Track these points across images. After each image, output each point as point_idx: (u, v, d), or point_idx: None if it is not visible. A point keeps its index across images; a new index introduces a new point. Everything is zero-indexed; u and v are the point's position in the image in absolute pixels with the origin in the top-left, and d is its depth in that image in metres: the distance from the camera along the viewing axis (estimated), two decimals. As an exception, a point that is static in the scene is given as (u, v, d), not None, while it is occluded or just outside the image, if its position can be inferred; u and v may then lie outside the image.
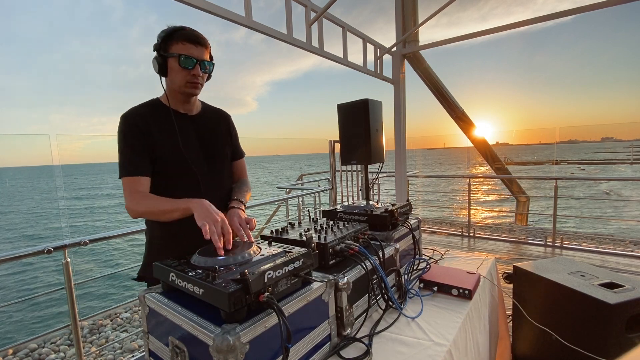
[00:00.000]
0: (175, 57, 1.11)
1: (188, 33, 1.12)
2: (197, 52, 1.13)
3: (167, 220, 1.07)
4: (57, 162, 3.12)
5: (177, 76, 1.13)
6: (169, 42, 1.11)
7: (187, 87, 1.15)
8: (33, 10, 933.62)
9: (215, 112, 1.37)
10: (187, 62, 1.11)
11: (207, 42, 1.17)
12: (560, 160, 59.71)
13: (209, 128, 1.29)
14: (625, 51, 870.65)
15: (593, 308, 1.39)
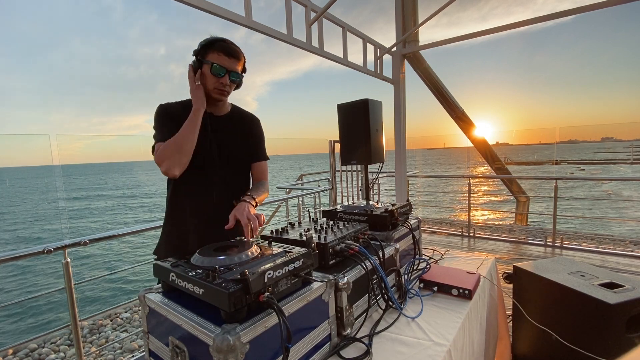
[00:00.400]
0: (208, 64, 1.21)
1: (226, 45, 1.22)
2: (229, 63, 1.23)
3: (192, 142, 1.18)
4: (57, 162, 3.13)
5: (208, 82, 1.24)
6: (208, 50, 1.22)
7: (214, 92, 1.25)
8: (33, 10, 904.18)
9: (243, 115, 1.44)
10: (218, 70, 1.21)
11: (240, 56, 1.27)
12: (561, 160, 59.72)
13: (231, 130, 1.37)
14: (625, 51, 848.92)
15: (593, 308, 1.39)
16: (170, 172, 1.17)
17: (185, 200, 1.29)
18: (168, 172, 1.17)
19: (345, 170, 4.44)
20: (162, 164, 1.16)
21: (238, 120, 1.42)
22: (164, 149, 1.17)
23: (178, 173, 1.18)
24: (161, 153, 1.16)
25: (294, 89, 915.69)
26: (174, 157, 1.17)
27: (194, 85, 1.22)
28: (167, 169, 1.16)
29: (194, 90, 1.23)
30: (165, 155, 1.16)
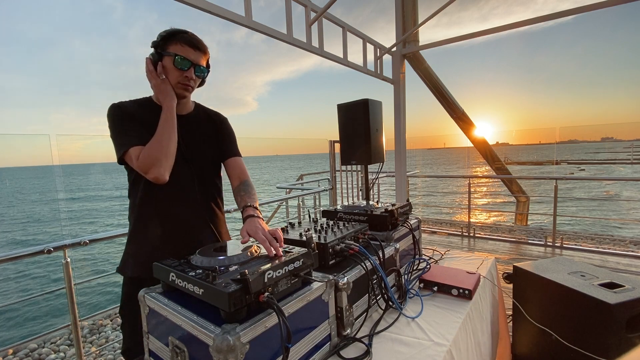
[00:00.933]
0: (171, 56, 1.11)
1: (189, 36, 1.13)
2: (194, 55, 1.14)
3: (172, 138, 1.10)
4: (57, 162, 3.12)
5: (170, 75, 1.13)
6: (169, 42, 1.12)
7: (177, 87, 1.15)
8: (33, 9, 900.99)
9: (209, 114, 1.35)
10: (182, 63, 1.12)
11: (206, 49, 1.18)
12: (561, 160, 59.71)
13: (196, 129, 1.27)
14: (626, 51, 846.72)
15: (593, 308, 1.39)
16: (162, 178, 1.07)
17: (156, 208, 1.17)
18: (159, 177, 1.07)
19: (345, 170, 4.44)
20: (150, 170, 1.05)
21: (204, 119, 1.32)
22: (148, 153, 1.06)
23: (167, 177, 1.09)
24: (147, 158, 1.05)
25: (294, 89, 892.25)
26: (163, 160, 1.07)
27: (157, 80, 1.12)
28: (159, 174, 1.06)
29: (159, 85, 1.13)
30: (153, 160, 1.06)
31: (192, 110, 1.30)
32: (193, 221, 1.22)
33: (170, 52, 1.11)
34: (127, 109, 1.14)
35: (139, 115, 1.14)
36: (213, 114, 1.36)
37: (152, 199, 1.16)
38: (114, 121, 1.12)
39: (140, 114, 1.15)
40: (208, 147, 1.30)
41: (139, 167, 1.06)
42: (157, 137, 1.08)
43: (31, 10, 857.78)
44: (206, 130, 1.31)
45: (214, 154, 1.32)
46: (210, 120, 1.34)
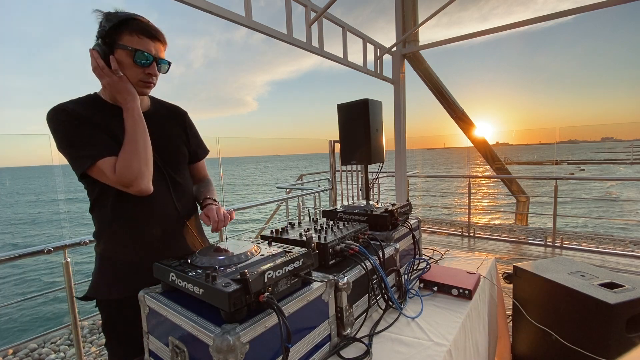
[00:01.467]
0: (128, 51, 0.96)
1: (145, 25, 0.98)
2: (154, 48, 1.00)
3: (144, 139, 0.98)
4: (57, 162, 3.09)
5: (128, 73, 0.99)
6: (121, 32, 0.95)
7: (138, 86, 1.02)
8: (33, 9, 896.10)
9: (169, 108, 1.23)
10: (143, 58, 0.97)
11: (164, 38, 1.04)
12: (561, 160, 59.72)
13: (160, 126, 1.14)
14: (626, 51, 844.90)
15: (593, 308, 1.39)
16: (147, 190, 0.97)
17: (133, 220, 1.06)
18: (144, 190, 0.96)
19: (345, 170, 4.44)
20: (133, 183, 0.94)
21: (165, 114, 1.19)
22: (127, 164, 0.93)
23: (152, 188, 0.99)
24: (126, 170, 0.93)
25: (294, 89, 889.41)
26: (145, 170, 0.96)
27: (113, 78, 0.96)
28: (144, 186, 0.96)
29: (116, 83, 0.96)
30: (135, 172, 0.94)
31: (150, 107, 1.16)
32: (172, 227, 1.13)
33: (126, 46, 0.95)
34: (77, 112, 0.97)
35: (91, 119, 0.98)
36: (173, 107, 1.25)
37: (124, 211, 1.04)
38: (64, 129, 0.95)
39: (91, 117, 0.98)
40: (178, 147, 1.19)
41: (118, 181, 0.94)
42: (132, 145, 0.95)
43: (31, 10, 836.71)
44: (171, 127, 1.19)
45: (185, 153, 1.22)
46: (173, 116, 1.22)
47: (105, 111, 1.03)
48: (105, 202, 1.04)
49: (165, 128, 1.16)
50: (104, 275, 1.07)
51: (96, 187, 1.02)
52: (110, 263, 1.07)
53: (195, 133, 1.29)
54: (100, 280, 1.07)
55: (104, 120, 1.00)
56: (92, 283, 1.08)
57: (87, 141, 0.95)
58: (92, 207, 1.08)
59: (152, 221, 1.08)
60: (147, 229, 1.07)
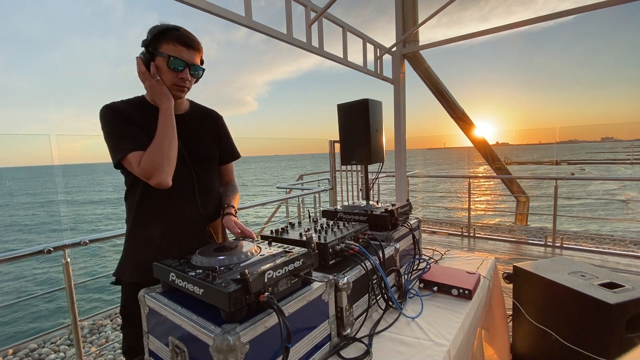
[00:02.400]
0: (164, 57, 1.07)
1: (181, 34, 1.08)
2: (188, 55, 1.10)
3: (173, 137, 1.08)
4: (57, 162, 3.09)
5: (164, 77, 1.09)
6: (160, 41, 1.07)
7: (172, 89, 1.12)
8: (33, 9, 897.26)
9: (205, 112, 1.33)
10: (176, 63, 1.08)
11: (199, 46, 1.13)
12: (561, 160, 59.73)
13: (195, 128, 1.25)
14: (626, 51, 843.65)
15: (593, 308, 1.39)
16: (165, 183, 1.05)
17: (154, 212, 1.15)
18: (162, 183, 1.04)
19: (345, 170, 4.44)
20: (153, 176, 1.03)
21: (201, 117, 1.30)
22: (149, 158, 1.03)
23: (170, 182, 1.07)
24: (148, 164, 1.03)
25: (294, 89, 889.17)
26: (165, 165, 1.04)
27: (152, 81, 1.08)
28: (162, 179, 1.04)
29: (154, 87, 1.08)
30: (156, 165, 1.03)
31: (188, 109, 1.27)
32: (192, 224, 1.21)
33: (162, 53, 1.06)
34: (121, 110, 1.10)
35: (133, 117, 1.10)
36: (209, 111, 1.34)
37: (150, 202, 1.14)
38: (109, 124, 1.08)
39: (134, 115, 1.10)
40: (208, 148, 1.28)
41: (141, 173, 1.04)
42: (158, 141, 1.05)
43: (31, 10, 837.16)
44: (205, 129, 1.29)
45: (215, 154, 1.31)
46: (208, 119, 1.32)
47: (146, 111, 1.14)
48: (135, 190, 1.14)
49: (199, 130, 1.27)
50: (127, 259, 1.17)
51: (129, 177, 1.14)
52: (135, 250, 1.17)
53: (228, 137, 1.39)
54: (123, 264, 1.17)
55: (143, 119, 1.11)
56: (118, 265, 1.19)
57: (125, 136, 1.07)
58: (126, 195, 1.19)
59: (173, 214, 1.16)
60: (168, 221, 1.16)
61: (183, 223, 1.18)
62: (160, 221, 1.15)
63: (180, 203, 1.17)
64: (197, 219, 1.21)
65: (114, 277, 1.19)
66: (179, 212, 1.17)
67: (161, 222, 1.15)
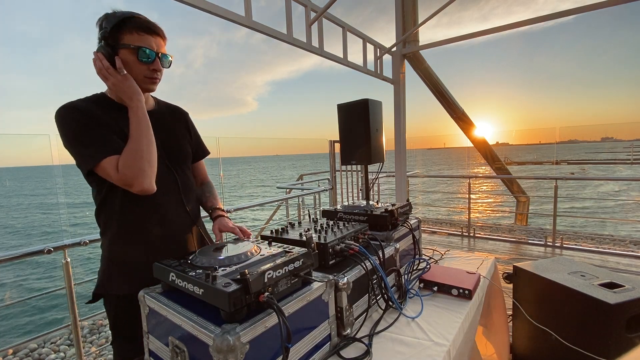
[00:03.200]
0: (131, 49, 0.97)
1: (144, 22, 0.99)
2: (155, 43, 1.01)
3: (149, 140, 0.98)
4: (57, 162, 3.08)
5: (133, 71, 1.00)
6: (121, 31, 0.97)
7: (145, 82, 1.03)
8: (33, 9, 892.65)
9: (172, 109, 1.25)
10: (146, 55, 0.99)
11: (164, 33, 1.04)
12: (561, 160, 59.71)
13: (167, 125, 1.17)
14: (626, 51, 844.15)
15: (593, 308, 1.39)
16: (150, 188, 0.97)
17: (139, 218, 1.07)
18: (146, 189, 0.96)
19: (345, 170, 4.44)
20: (135, 182, 0.93)
21: (169, 114, 1.22)
22: (129, 163, 0.93)
23: (155, 187, 0.99)
24: (129, 169, 0.93)
25: (294, 89, 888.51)
26: (147, 169, 0.96)
27: (118, 77, 0.96)
28: (146, 185, 0.95)
29: (121, 82, 0.97)
30: (137, 171, 0.94)
31: (155, 106, 1.18)
32: (181, 226, 1.15)
33: (128, 44, 0.97)
34: (85, 110, 0.98)
35: (98, 117, 0.98)
36: (175, 107, 1.27)
37: (134, 207, 1.05)
38: (72, 127, 0.96)
39: (98, 115, 0.99)
40: (183, 145, 1.21)
41: (121, 180, 0.94)
42: (136, 143, 0.95)
43: (31, 10, 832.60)
44: (176, 126, 1.22)
45: (190, 151, 1.25)
46: (176, 116, 1.25)
47: (113, 109, 1.03)
48: (114, 200, 1.04)
49: (170, 127, 1.18)
50: (112, 272, 1.07)
51: (104, 186, 1.03)
52: (118, 261, 1.08)
53: (197, 133, 1.32)
54: (109, 277, 1.07)
55: (112, 118, 1.01)
56: (100, 281, 1.08)
57: (94, 140, 0.95)
58: (99, 206, 1.07)
59: (160, 221, 1.09)
60: (156, 229, 1.08)
61: (172, 225, 1.12)
62: (148, 226, 1.07)
63: (167, 205, 1.11)
64: (185, 219, 1.16)
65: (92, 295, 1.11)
66: (167, 215, 1.10)
67: (150, 227, 1.08)
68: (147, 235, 1.07)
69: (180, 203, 1.15)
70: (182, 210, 1.15)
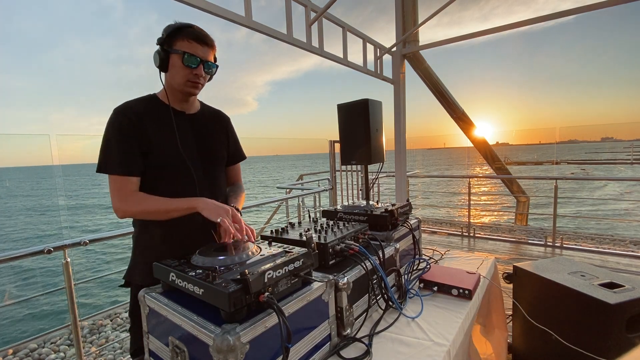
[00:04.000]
0: (179, 54, 1.08)
1: (196, 31, 1.10)
2: (202, 52, 1.11)
3: (163, 219, 1.08)
4: (57, 162, 3.07)
5: (179, 74, 1.10)
6: (175, 38, 1.08)
7: (187, 85, 1.13)
8: (33, 9, 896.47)
9: (214, 113, 1.34)
10: (191, 60, 1.08)
11: (213, 43, 1.15)
12: (561, 160, 59.68)
13: (207, 128, 1.27)
14: (626, 51, 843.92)
15: (593, 308, 1.39)
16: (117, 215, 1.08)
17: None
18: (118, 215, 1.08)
19: (345, 170, 4.44)
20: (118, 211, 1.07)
21: (211, 117, 1.31)
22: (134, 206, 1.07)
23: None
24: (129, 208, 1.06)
25: (294, 89, 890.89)
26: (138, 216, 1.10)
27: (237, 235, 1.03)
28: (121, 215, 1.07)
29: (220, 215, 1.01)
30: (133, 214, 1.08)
31: (200, 109, 1.28)
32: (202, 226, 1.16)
33: (177, 50, 1.08)
34: (129, 114, 1.09)
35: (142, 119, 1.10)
36: (218, 112, 1.36)
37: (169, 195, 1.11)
38: (111, 131, 1.08)
39: (147, 115, 1.11)
40: (219, 149, 1.29)
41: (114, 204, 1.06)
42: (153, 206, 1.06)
43: (31, 10, 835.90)
44: (215, 130, 1.30)
45: (225, 155, 1.33)
46: (217, 120, 1.33)
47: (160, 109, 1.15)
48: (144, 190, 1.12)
49: (210, 130, 1.27)
50: (137, 262, 1.17)
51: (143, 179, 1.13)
52: (143, 252, 1.17)
53: (235, 138, 1.40)
54: (135, 267, 1.18)
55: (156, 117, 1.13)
56: (128, 268, 1.19)
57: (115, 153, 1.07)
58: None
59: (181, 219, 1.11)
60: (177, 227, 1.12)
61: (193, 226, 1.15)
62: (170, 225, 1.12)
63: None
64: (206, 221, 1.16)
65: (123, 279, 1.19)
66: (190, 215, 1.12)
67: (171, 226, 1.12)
68: (166, 231, 1.14)
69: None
70: None
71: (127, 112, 1.09)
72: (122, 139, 1.07)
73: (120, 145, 1.07)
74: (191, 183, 1.17)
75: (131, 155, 1.08)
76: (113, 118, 1.09)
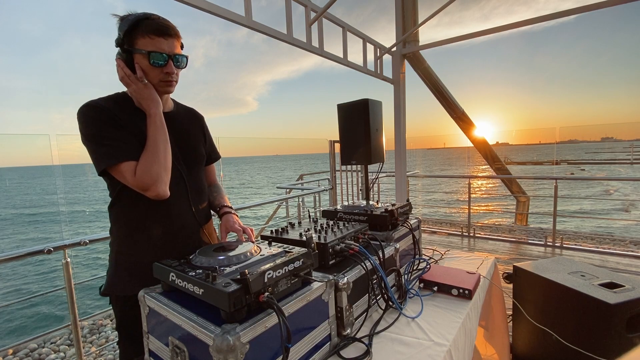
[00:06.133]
0: (143, 54, 0.98)
1: (155, 24, 0.98)
2: (167, 45, 1.00)
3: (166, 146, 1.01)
4: (57, 162, 3.06)
5: (149, 75, 1.01)
6: (135, 35, 0.97)
7: (160, 86, 1.04)
8: (33, 9, 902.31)
9: (189, 111, 1.27)
10: (157, 58, 0.98)
11: (177, 32, 1.03)
12: (561, 160, 59.68)
13: (184, 127, 1.19)
14: (626, 51, 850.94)
15: (593, 308, 1.39)
16: (164, 194, 0.99)
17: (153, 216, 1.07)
18: (161, 195, 0.98)
19: (345, 170, 4.44)
20: (151, 187, 0.96)
21: (187, 116, 1.24)
22: (147, 169, 0.96)
23: (169, 193, 1.02)
24: (146, 175, 0.95)
25: (294, 89, 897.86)
26: (164, 175, 0.99)
27: (138, 85, 0.99)
28: (161, 191, 0.98)
29: (142, 90, 0.99)
30: (155, 177, 0.96)
31: (173, 108, 1.19)
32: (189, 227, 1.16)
33: (140, 49, 0.97)
34: (107, 110, 0.99)
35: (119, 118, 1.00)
36: (192, 110, 1.29)
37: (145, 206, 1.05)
38: (94, 125, 0.97)
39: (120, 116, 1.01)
40: (199, 148, 1.23)
41: (137, 184, 0.96)
42: (153, 150, 0.98)
43: (32, 10, 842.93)
44: (192, 128, 1.24)
45: (204, 154, 1.26)
46: (193, 118, 1.27)
47: (132, 111, 1.05)
48: (125, 201, 1.06)
49: (187, 129, 1.20)
50: (120, 272, 1.09)
51: (117, 186, 1.04)
52: (126, 261, 1.09)
53: (210, 137, 1.35)
54: (116, 277, 1.08)
55: (130, 120, 1.02)
56: (108, 280, 1.10)
57: (114, 141, 0.97)
58: (111, 204, 1.10)
59: (168, 222, 1.10)
60: (162, 229, 1.09)
61: (180, 226, 1.13)
62: (157, 226, 1.09)
63: (177, 206, 1.11)
64: (192, 221, 1.16)
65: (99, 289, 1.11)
66: (175, 216, 1.11)
67: (158, 227, 1.09)
68: (153, 236, 1.08)
69: (188, 204, 1.15)
70: (189, 211, 1.15)
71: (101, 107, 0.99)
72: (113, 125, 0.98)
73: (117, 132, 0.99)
74: (181, 182, 1.12)
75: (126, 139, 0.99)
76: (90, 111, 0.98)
